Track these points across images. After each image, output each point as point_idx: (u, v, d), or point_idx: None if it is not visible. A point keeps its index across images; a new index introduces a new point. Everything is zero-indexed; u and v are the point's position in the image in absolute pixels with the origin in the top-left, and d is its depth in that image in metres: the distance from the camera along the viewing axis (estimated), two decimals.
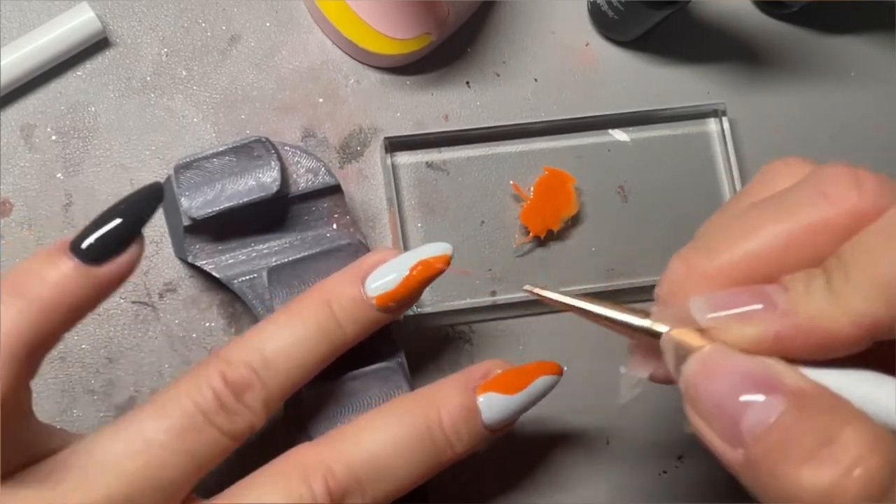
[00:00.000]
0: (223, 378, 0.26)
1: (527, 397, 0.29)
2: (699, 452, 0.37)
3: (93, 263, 0.23)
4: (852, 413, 0.20)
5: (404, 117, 0.38)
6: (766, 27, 0.42)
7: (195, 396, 0.25)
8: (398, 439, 0.27)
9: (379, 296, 0.29)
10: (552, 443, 0.37)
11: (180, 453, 0.25)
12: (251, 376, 0.26)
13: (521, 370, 0.29)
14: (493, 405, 0.28)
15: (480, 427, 0.28)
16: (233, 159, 0.32)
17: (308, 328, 0.28)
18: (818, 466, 0.19)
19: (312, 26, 0.38)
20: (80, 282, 0.22)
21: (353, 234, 0.34)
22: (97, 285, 0.23)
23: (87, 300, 0.23)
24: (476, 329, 0.37)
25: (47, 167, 0.35)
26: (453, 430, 0.28)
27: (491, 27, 0.40)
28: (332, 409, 0.31)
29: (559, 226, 0.37)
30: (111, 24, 0.37)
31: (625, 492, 0.37)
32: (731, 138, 0.39)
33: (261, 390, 0.26)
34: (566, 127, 0.38)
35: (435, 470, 0.28)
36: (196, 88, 0.37)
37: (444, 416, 0.28)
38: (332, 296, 0.28)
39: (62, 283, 0.22)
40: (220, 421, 0.26)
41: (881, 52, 0.42)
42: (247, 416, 0.26)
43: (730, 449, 0.21)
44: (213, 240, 0.33)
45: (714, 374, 0.21)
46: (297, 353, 0.27)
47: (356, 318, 0.29)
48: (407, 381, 0.31)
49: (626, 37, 0.40)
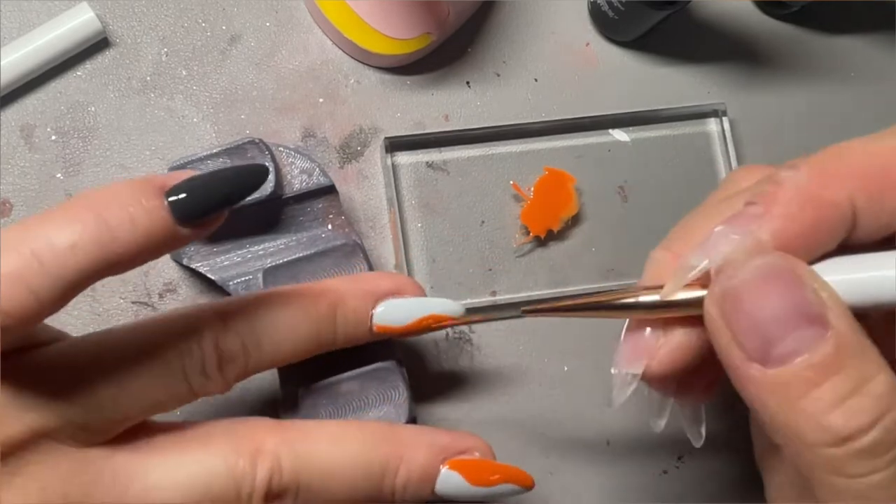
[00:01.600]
0: (215, 345, 0.26)
1: (483, 493, 0.28)
2: (699, 452, 0.37)
3: (180, 221, 0.22)
4: (879, 362, 0.21)
5: (404, 117, 0.38)
6: (766, 27, 0.42)
7: (183, 350, 0.25)
8: (352, 467, 0.27)
9: (381, 326, 0.29)
10: (552, 443, 0.37)
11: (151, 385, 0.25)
12: (239, 353, 0.26)
13: (497, 468, 0.28)
14: (450, 483, 0.28)
15: (429, 493, 0.28)
16: (227, 161, 0.32)
17: (309, 328, 0.28)
18: (849, 414, 0.20)
19: (312, 26, 0.38)
20: (164, 237, 0.22)
21: (348, 234, 0.34)
22: (170, 244, 0.22)
23: (154, 253, 0.22)
24: (476, 329, 0.37)
25: (47, 167, 0.35)
26: (403, 485, 0.27)
27: (491, 27, 0.40)
28: (330, 409, 0.31)
29: (559, 226, 0.37)
30: (111, 24, 0.37)
31: (625, 492, 0.37)
32: (731, 138, 0.39)
33: (241, 366, 0.27)
34: (566, 127, 0.38)
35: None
36: (196, 88, 0.37)
37: (402, 468, 0.27)
38: (340, 302, 0.28)
39: (149, 233, 0.22)
40: (195, 381, 0.26)
41: (881, 52, 0.42)
42: (219, 384, 0.26)
43: (748, 362, 0.21)
44: (207, 242, 0.33)
45: (768, 290, 0.21)
46: (286, 345, 0.27)
47: (351, 333, 0.29)
48: (404, 382, 0.31)
49: (626, 37, 0.40)
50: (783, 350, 0.21)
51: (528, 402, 0.37)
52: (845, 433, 0.20)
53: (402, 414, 0.31)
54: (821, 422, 0.20)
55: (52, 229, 0.21)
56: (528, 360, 0.37)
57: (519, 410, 0.30)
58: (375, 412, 0.31)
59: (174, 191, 0.22)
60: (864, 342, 0.21)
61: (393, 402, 0.31)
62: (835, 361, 0.20)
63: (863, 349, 0.21)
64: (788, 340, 0.21)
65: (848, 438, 0.20)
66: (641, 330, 0.24)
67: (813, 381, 0.20)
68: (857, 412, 0.20)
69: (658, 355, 0.24)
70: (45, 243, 0.21)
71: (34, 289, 0.21)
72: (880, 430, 0.20)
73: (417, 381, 0.36)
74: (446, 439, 0.28)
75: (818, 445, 0.21)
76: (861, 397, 0.20)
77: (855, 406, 0.20)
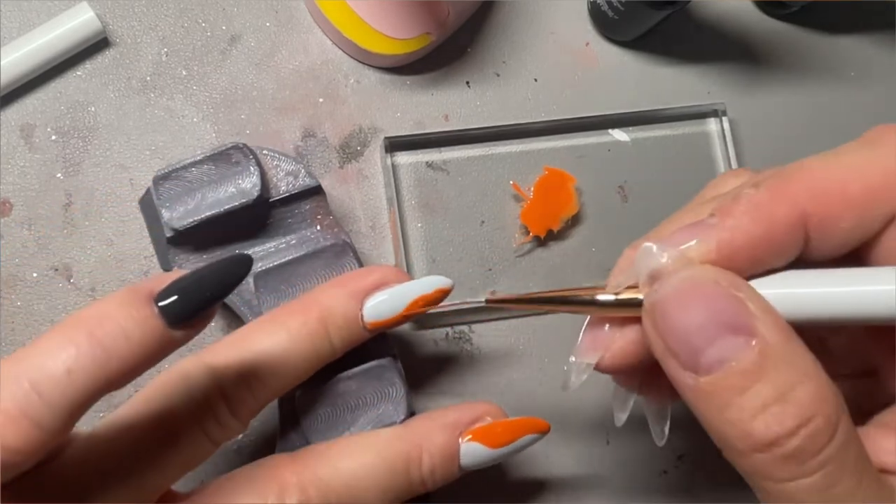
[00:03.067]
0: (221, 395, 0.26)
1: (507, 452, 0.29)
2: (699, 452, 0.37)
3: (173, 325, 0.22)
4: (809, 369, 0.21)
5: (404, 117, 0.38)
6: (766, 27, 0.42)
7: (196, 415, 0.25)
8: (375, 471, 0.27)
9: (373, 322, 0.29)
10: (552, 443, 0.37)
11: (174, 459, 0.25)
12: (246, 394, 0.27)
13: (511, 424, 0.29)
14: (474, 454, 0.29)
15: (456, 470, 0.29)
16: (212, 167, 0.32)
17: (304, 349, 0.28)
18: (769, 420, 0.21)
19: (312, 26, 0.38)
20: (159, 345, 0.22)
21: (337, 234, 0.34)
22: (166, 349, 0.22)
23: (151, 361, 0.22)
24: (476, 329, 0.37)
25: (47, 167, 0.35)
26: (430, 472, 0.28)
27: (491, 27, 0.40)
28: (328, 410, 0.31)
29: (559, 226, 0.37)
30: (111, 24, 0.37)
31: (625, 492, 0.37)
32: (731, 138, 0.39)
33: (251, 405, 0.27)
34: (566, 127, 0.38)
35: (404, 500, 0.28)
36: (196, 88, 0.37)
37: (424, 457, 0.28)
38: (327, 314, 0.29)
39: (144, 343, 0.21)
40: (214, 435, 0.26)
41: (881, 52, 0.42)
42: (237, 428, 0.27)
43: (683, 372, 0.22)
44: (196, 249, 0.33)
45: (689, 302, 0.22)
46: (287, 371, 0.28)
47: (347, 338, 0.29)
48: (401, 378, 0.31)
49: (626, 37, 0.40)
50: (710, 358, 0.21)
51: (527, 401, 0.37)
52: (767, 439, 0.21)
53: (400, 411, 0.31)
54: (744, 428, 0.21)
55: (46, 358, 0.21)
56: (527, 360, 0.37)
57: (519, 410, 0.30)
58: (374, 411, 0.31)
59: (163, 295, 0.22)
60: (795, 351, 0.21)
61: (391, 400, 0.31)
62: (759, 369, 0.21)
63: (792, 357, 0.21)
64: (714, 349, 0.21)
65: (771, 444, 0.21)
66: (601, 325, 0.25)
67: (738, 388, 0.21)
68: (779, 418, 0.20)
69: (612, 349, 0.25)
70: (41, 374, 0.20)
71: (38, 421, 0.20)
72: (803, 437, 0.20)
73: (417, 380, 0.36)
74: (455, 415, 0.29)
75: (746, 451, 0.21)
76: (784, 404, 0.21)
77: (778, 412, 0.21)
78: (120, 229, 0.36)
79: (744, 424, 0.21)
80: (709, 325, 0.21)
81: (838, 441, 0.21)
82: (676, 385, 0.22)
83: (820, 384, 0.21)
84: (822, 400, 0.21)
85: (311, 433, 0.30)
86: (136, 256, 0.36)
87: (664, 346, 0.22)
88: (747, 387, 0.21)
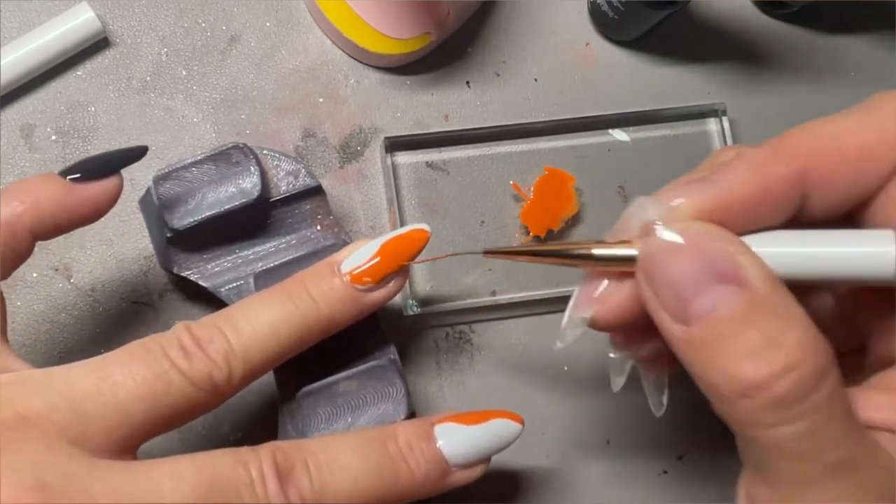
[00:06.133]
0: (188, 329, 0.26)
1: (485, 432, 0.29)
2: (699, 452, 0.37)
3: None
4: (797, 317, 0.22)
5: (404, 117, 0.38)
6: (766, 27, 0.42)
7: (160, 341, 0.25)
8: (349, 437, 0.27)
9: (353, 273, 0.29)
10: (552, 443, 0.37)
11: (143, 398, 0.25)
12: (216, 333, 0.26)
13: (479, 412, 0.29)
14: (450, 434, 0.28)
15: (436, 451, 0.28)
16: (212, 167, 0.32)
17: (281, 300, 0.28)
18: (758, 364, 0.21)
19: (312, 26, 0.38)
20: (70, 197, 0.27)
21: (337, 234, 0.34)
22: (80, 201, 0.27)
23: (72, 211, 0.27)
24: (476, 329, 0.37)
25: (47, 167, 0.35)
26: (406, 444, 0.28)
27: (491, 27, 0.40)
28: (328, 410, 0.31)
29: (559, 226, 0.37)
30: (111, 24, 0.37)
31: (625, 492, 0.37)
32: (731, 138, 0.39)
33: (223, 344, 0.26)
34: (566, 127, 0.38)
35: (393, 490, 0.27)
36: (196, 88, 0.37)
37: (398, 431, 0.28)
38: (303, 278, 0.29)
39: (53, 194, 0.27)
40: (180, 362, 0.25)
41: (881, 52, 0.42)
42: (206, 361, 0.26)
43: (673, 325, 0.22)
44: (197, 249, 0.33)
45: (678, 253, 0.22)
46: (263, 317, 0.27)
47: (332, 298, 0.29)
48: (401, 377, 0.31)
49: (626, 37, 0.40)
50: (699, 308, 0.21)
51: (527, 401, 0.37)
52: (755, 382, 0.21)
53: (400, 410, 0.31)
54: (732, 372, 0.21)
55: None
56: (527, 360, 0.37)
57: (518, 410, 0.29)
58: (374, 410, 0.31)
59: (65, 171, 0.28)
60: (783, 299, 0.22)
61: (391, 399, 0.31)
62: (747, 316, 0.21)
63: (781, 305, 0.22)
64: (702, 298, 0.21)
65: (758, 387, 0.21)
66: (598, 280, 0.26)
67: (727, 335, 0.21)
68: (767, 362, 0.21)
69: (606, 303, 0.25)
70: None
71: None
72: (791, 381, 0.21)
73: (417, 380, 0.36)
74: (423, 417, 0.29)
75: (733, 398, 0.21)
76: (774, 349, 0.21)
77: (766, 356, 0.21)
78: (120, 229, 0.36)
79: (732, 369, 0.21)
80: (697, 276, 0.22)
81: (825, 389, 0.21)
82: (668, 339, 0.23)
83: (808, 332, 0.21)
84: (811, 347, 0.21)
85: (311, 433, 0.30)
86: (136, 256, 0.36)
87: (655, 300, 0.23)
88: (736, 334, 0.21)
